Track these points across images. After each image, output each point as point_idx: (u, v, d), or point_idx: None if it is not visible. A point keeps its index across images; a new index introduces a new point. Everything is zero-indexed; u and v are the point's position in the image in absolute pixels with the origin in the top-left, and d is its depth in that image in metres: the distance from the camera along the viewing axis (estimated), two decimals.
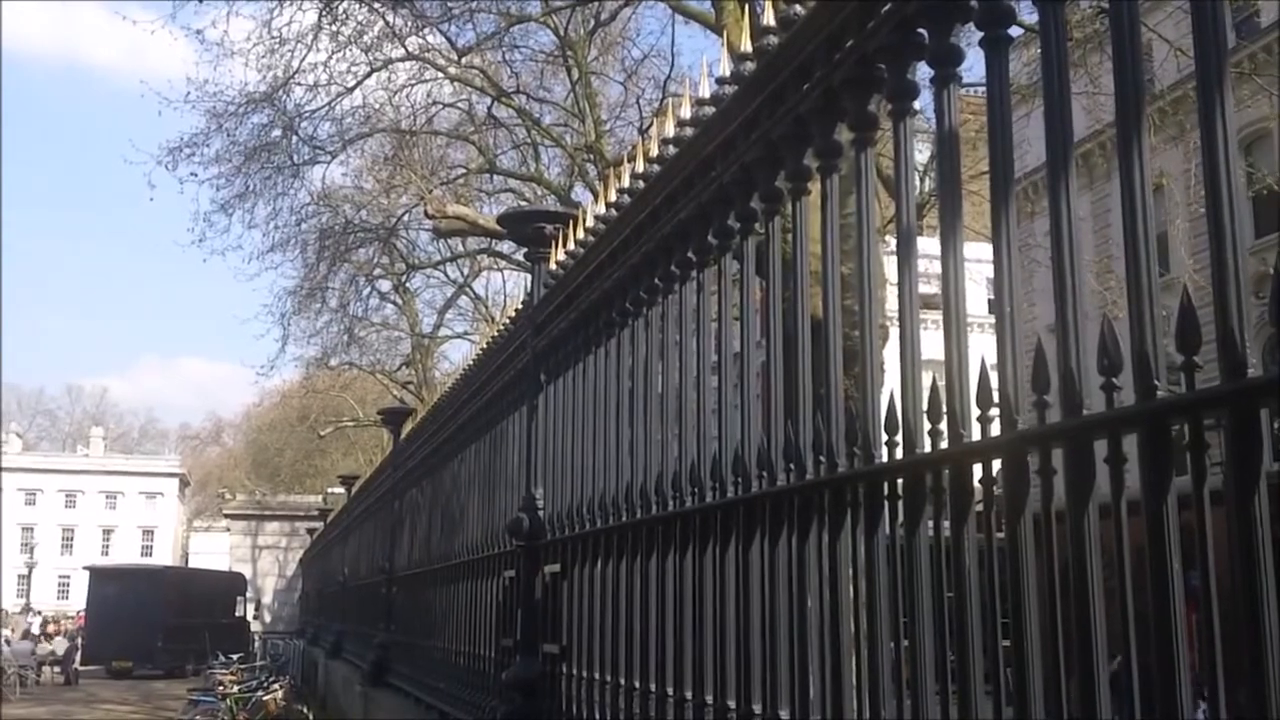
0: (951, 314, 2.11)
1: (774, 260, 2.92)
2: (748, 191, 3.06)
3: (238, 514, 48.89)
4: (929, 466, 2.13)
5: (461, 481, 7.45)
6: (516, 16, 20.86)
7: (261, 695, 16.14)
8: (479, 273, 33.04)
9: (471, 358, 7.50)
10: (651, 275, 3.76)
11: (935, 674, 2.11)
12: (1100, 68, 15.71)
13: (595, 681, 3.99)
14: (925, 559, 2.16)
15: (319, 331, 29.05)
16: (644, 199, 3.79)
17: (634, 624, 3.64)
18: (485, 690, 5.83)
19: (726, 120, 3.11)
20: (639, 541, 3.66)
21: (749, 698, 2.80)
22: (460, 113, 23.96)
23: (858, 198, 2.48)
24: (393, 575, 10.66)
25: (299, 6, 19.41)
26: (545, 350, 5.07)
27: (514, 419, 5.70)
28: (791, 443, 2.66)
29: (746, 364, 3.02)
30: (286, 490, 53.33)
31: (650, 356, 3.81)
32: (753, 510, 2.84)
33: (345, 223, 25.31)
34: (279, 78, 20.08)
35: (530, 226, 5.36)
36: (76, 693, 28.36)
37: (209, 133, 20.72)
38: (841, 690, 2.40)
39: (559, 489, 4.76)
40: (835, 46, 2.53)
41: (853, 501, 2.40)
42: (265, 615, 44.65)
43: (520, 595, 5.02)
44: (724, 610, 2.99)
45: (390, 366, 37.54)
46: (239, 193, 21.72)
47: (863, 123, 2.50)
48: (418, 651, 8.71)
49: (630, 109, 23.08)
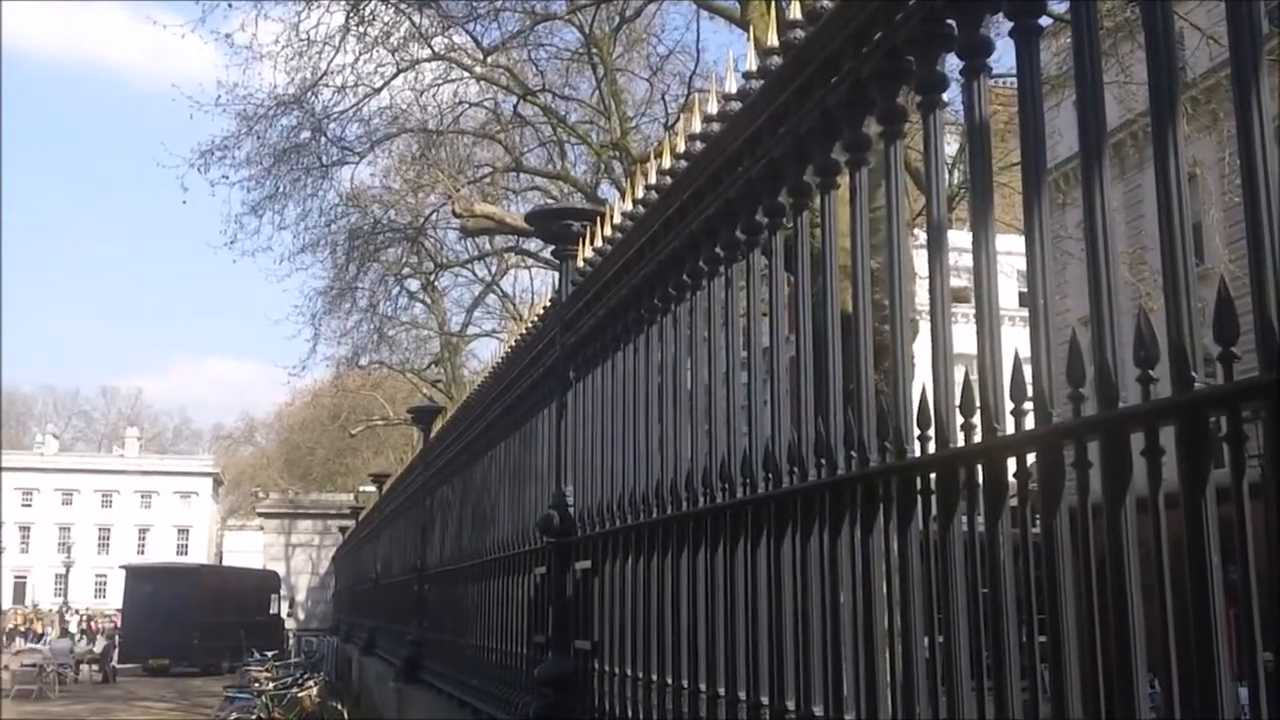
0: (984, 306, 2.09)
1: (803, 255, 2.91)
2: (775, 186, 3.05)
3: (271, 513, 49.19)
4: (962, 461, 2.12)
5: (492, 478, 7.46)
6: (541, 15, 20.87)
7: (296, 692, 16.25)
8: (506, 271, 33.15)
9: (500, 355, 7.52)
10: (680, 271, 3.75)
11: (971, 671, 2.09)
12: (1131, 57, 15.56)
13: (628, 678, 3.99)
14: (959, 554, 2.14)
15: (349, 331, 29.22)
16: (671, 195, 3.78)
17: (666, 620, 3.63)
18: (518, 686, 5.84)
19: (753, 115, 3.09)
20: (670, 537, 3.65)
21: (782, 694, 2.79)
22: (486, 112, 24.02)
23: (887, 191, 2.46)
24: (424, 572, 10.70)
25: (326, 9, 19.52)
26: (574, 347, 5.07)
27: (543, 416, 5.70)
28: (822, 438, 2.65)
29: (776, 359, 3.01)
30: (319, 489, 53.64)
31: (679, 352, 3.80)
32: (784, 506, 2.83)
33: (374, 223, 25.43)
34: (307, 80, 20.21)
35: (558, 224, 5.37)
36: (114, 690, 28.65)
37: (239, 135, 20.88)
38: (876, 687, 2.39)
39: (589, 485, 4.76)
40: (863, 39, 2.51)
41: (885, 497, 2.38)
42: (299, 613, 44.92)
43: (551, 592, 5.03)
44: (756, 606, 2.98)
45: (419, 365, 37.70)
46: (269, 194, 21.88)
47: (891, 116, 2.48)
48: (450, 648, 8.74)
49: (655, 105, 23.07)
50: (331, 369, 34.51)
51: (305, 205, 22.89)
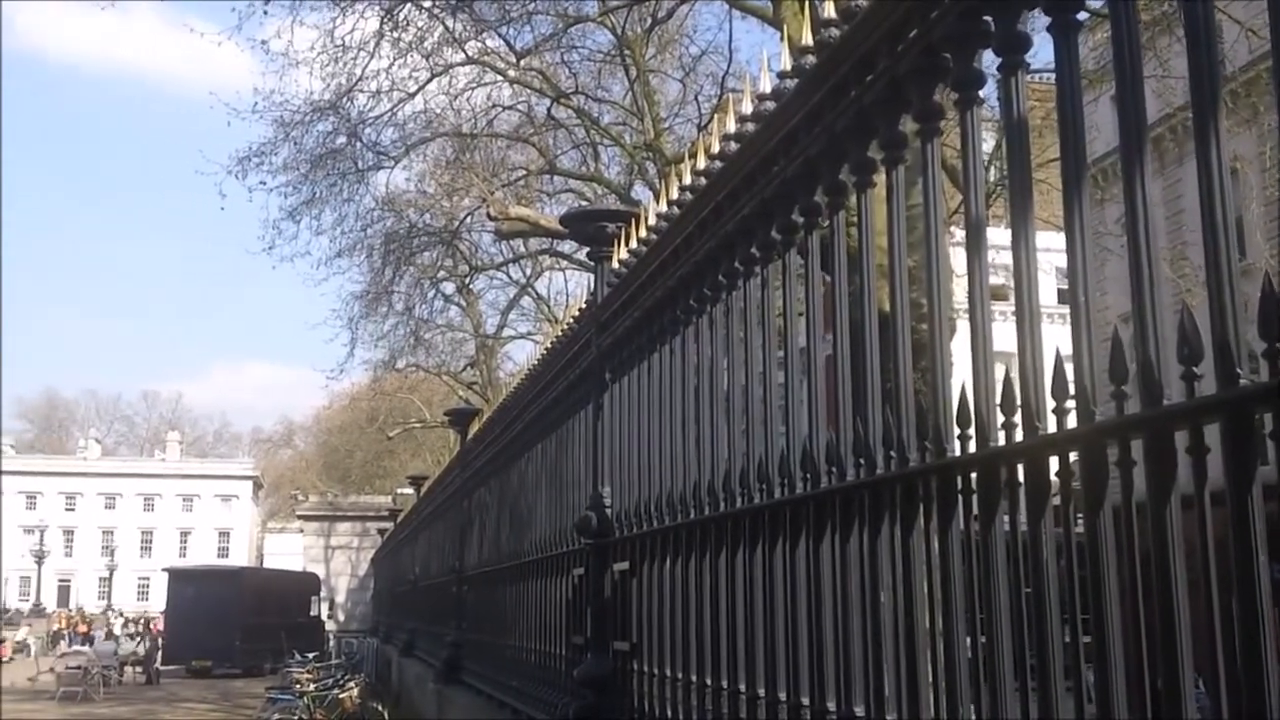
0: (1024, 304, 2.07)
1: (839, 254, 2.90)
2: (811, 185, 3.04)
3: (310, 515, 49.57)
4: (1004, 460, 2.10)
5: (529, 480, 7.48)
6: (574, 17, 20.92)
7: (338, 693, 16.36)
8: (541, 273, 33.27)
9: (536, 357, 7.54)
10: (715, 272, 3.74)
11: (1014, 671, 2.08)
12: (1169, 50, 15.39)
13: (667, 678, 3.99)
14: (1001, 554, 2.12)
15: (386, 334, 29.45)
16: (706, 195, 3.78)
17: (704, 621, 3.63)
18: (556, 687, 5.85)
19: (788, 114, 3.09)
20: (707, 538, 3.65)
21: (823, 694, 2.78)
22: (520, 115, 24.10)
23: (924, 189, 2.45)
24: (463, 574, 10.74)
25: (361, 15, 19.64)
26: (610, 348, 5.08)
27: (580, 417, 5.71)
28: (861, 437, 2.64)
29: (813, 359, 3.00)
30: (357, 491, 54.00)
31: (715, 353, 3.79)
32: (823, 506, 2.82)
33: (409, 227, 25.60)
34: (342, 85, 20.37)
35: (592, 226, 5.37)
36: (158, 692, 28.94)
37: (276, 141, 21.05)
38: (918, 687, 2.38)
39: (626, 487, 4.77)
40: (898, 37, 2.50)
41: (925, 496, 2.37)
42: (339, 614, 45.21)
43: (589, 593, 5.03)
44: (795, 607, 2.97)
45: (455, 368, 37.88)
46: (306, 200, 22.06)
47: (928, 113, 2.46)
48: (489, 649, 8.77)
49: (689, 106, 23.05)
50: (369, 372, 34.77)
51: (342, 210, 23.11)
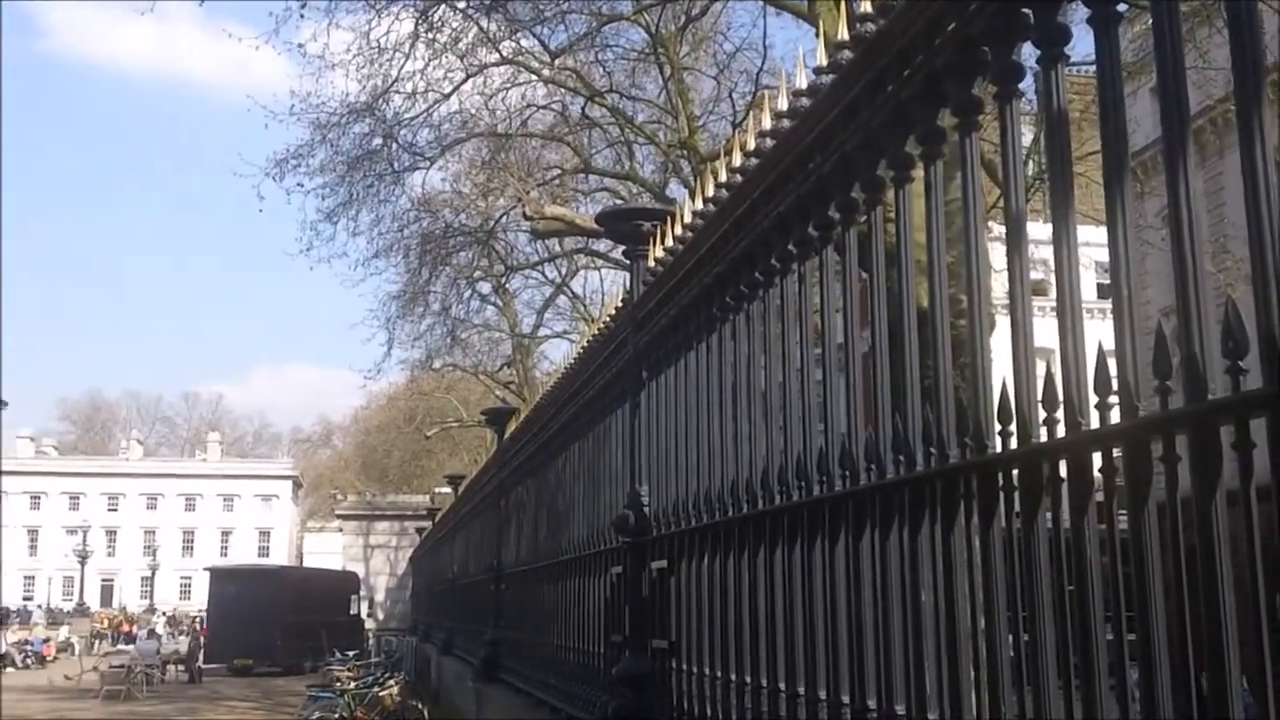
0: (1066, 298, 2.05)
1: (878, 250, 2.88)
2: (848, 182, 3.02)
3: (349, 514, 49.93)
4: (1046, 456, 2.09)
5: (566, 479, 7.50)
6: (608, 16, 20.92)
7: (378, 691, 16.47)
8: (576, 272, 33.30)
9: (572, 356, 7.55)
10: (752, 269, 3.74)
11: (1057, 670, 2.06)
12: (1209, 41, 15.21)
13: (706, 676, 3.99)
14: (1044, 551, 2.11)
15: (422, 334, 29.55)
16: (742, 193, 3.77)
17: (743, 619, 3.62)
18: (595, 685, 5.86)
19: (824, 110, 3.07)
20: (746, 536, 3.64)
21: (863, 693, 2.77)
22: (554, 114, 24.14)
23: (963, 184, 2.43)
24: (501, 572, 10.78)
25: (396, 17, 19.73)
26: (646, 347, 5.08)
27: (617, 416, 5.72)
28: (900, 434, 2.63)
29: (851, 356, 2.99)
30: (395, 490, 54.33)
31: (752, 350, 3.79)
32: (862, 504, 2.81)
33: (445, 227, 25.70)
34: (378, 87, 20.45)
35: (628, 224, 5.38)
36: (200, 690, 29.23)
37: (313, 144, 21.18)
38: (960, 685, 2.36)
39: (663, 485, 4.76)
40: (936, 31, 2.48)
41: (965, 493, 2.35)
42: (378, 613, 45.52)
43: (628, 591, 5.04)
44: (834, 605, 2.96)
45: (492, 367, 37.99)
46: (343, 201, 22.18)
47: (967, 107, 2.45)
48: (527, 647, 8.80)
49: (723, 103, 22.99)
50: (406, 372, 34.97)
51: (378, 211, 23.23)
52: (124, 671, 26.98)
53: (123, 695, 25.80)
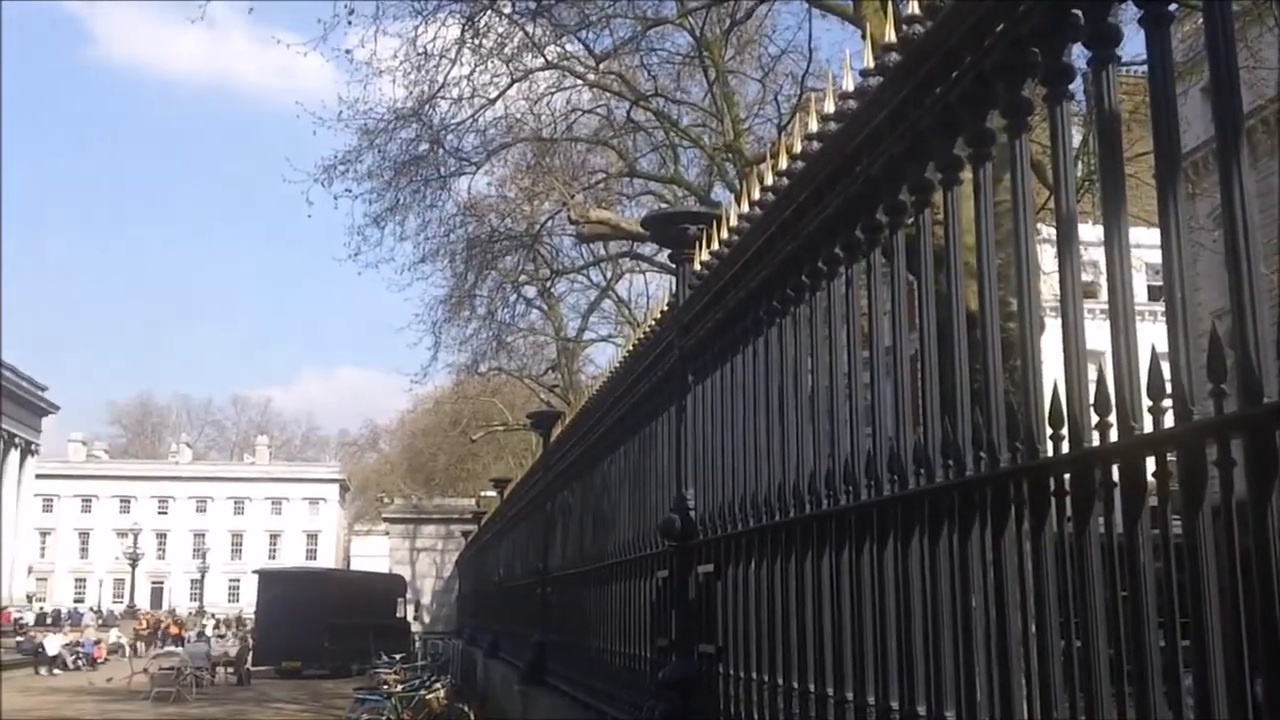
0: (1118, 300, 2.03)
1: (926, 252, 2.87)
2: (896, 184, 3.01)
3: (396, 517, 50.22)
4: (1099, 460, 2.06)
5: (611, 483, 7.51)
6: (652, 20, 20.97)
7: (425, 694, 16.55)
8: (621, 275, 33.36)
9: (617, 360, 7.57)
10: (799, 272, 3.73)
11: (1110, 677, 2.04)
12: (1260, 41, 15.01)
13: (753, 681, 3.98)
14: (1096, 557, 2.09)
15: (469, 338, 29.74)
16: (789, 196, 3.76)
17: (791, 624, 3.61)
18: (641, 689, 5.86)
19: (872, 113, 3.06)
20: (793, 541, 3.64)
21: (912, 698, 2.75)
22: (599, 118, 24.22)
23: (1013, 186, 2.42)
24: (547, 576, 10.81)
25: (442, 23, 19.88)
26: (692, 350, 5.08)
27: (663, 419, 5.72)
28: (949, 438, 2.61)
29: (900, 359, 2.97)
30: (441, 494, 54.58)
31: (799, 353, 3.78)
32: (911, 508, 2.80)
33: (491, 231, 25.84)
34: (425, 93, 20.63)
35: (674, 228, 5.38)
36: (249, 692, 29.50)
37: (360, 149, 21.39)
38: (1011, 691, 2.34)
39: (710, 489, 4.76)
40: (985, 31, 2.47)
41: (1016, 498, 2.34)
42: (424, 616, 45.73)
43: (674, 595, 5.04)
44: (884, 610, 2.94)
45: (537, 371, 38.14)
46: (390, 206, 22.39)
47: (1017, 108, 2.43)
48: (573, 651, 8.82)
49: (768, 106, 22.98)
50: (452, 376, 35.21)
51: (425, 216, 23.44)
52: (174, 673, 27.29)
53: (172, 697, 26.08)
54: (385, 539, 54.22)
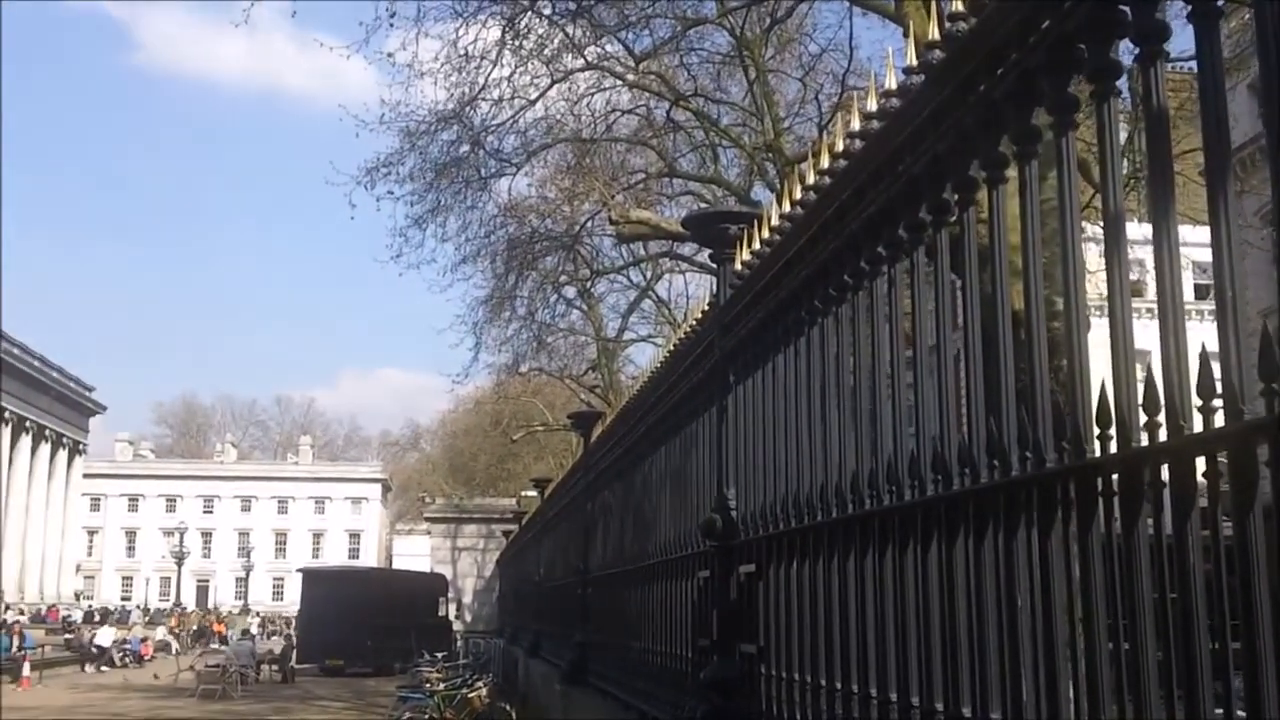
0: (1167, 299, 2.01)
1: (971, 251, 2.85)
2: (939, 183, 2.99)
3: (437, 517, 50.50)
4: (1147, 460, 2.04)
5: (652, 483, 7.51)
6: (692, 19, 20.96)
7: (466, 693, 16.64)
8: (661, 276, 33.36)
9: (658, 360, 7.56)
10: (841, 271, 3.71)
11: (1159, 679, 2.02)
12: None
13: (795, 682, 3.97)
14: (1144, 558, 2.06)
15: (509, 339, 29.85)
16: (831, 195, 3.75)
17: (834, 624, 3.60)
18: (682, 689, 5.86)
19: (915, 111, 3.05)
20: (836, 541, 3.62)
21: (958, 700, 2.74)
22: (639, 118, 24.24)
23: (1060, 184, 2.39)
24: (588, 576, 10.83)
25: (483, 25, 19.97)
26: (734, 350, 5.07)
27: (704, 419, 5.71)
28: (994, 438, 2.59)
29: (943, 358, 2.95)
30: (482, 494, 54.85)
31: (842, 353, 3.76)
32: (955, 509, 2.78)
33: (531, 232, 25.91)
34: (465, 95, 20.73)
35: (715, 227, 5.38)
36: (293, 690, 29.79)
37: (402, 151, 21.52)
38: (1058, 693, 2.32)
39: (751, 489, 4.75)
40: (1030, 28, 2.45)
41: (1063, 499, 2.31)
42: (466, 615, 45.96)
43: (715, 595, 5.03)
44: (928, 611, 2.92)
45: (577, 371, 38.23)
46: (431, 208, 22.53)
47: (1063, 106, 2.41)
48: (614, 651, 8.83)
49: (808, 105, 22.92)
50: (493, 376, 35.32)
51: (465, 217, 23.54)
52: (219, 671, 27.60)
53: (218, 694, 26.38)
54: (427, 538, 54.53)
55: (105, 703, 25.86)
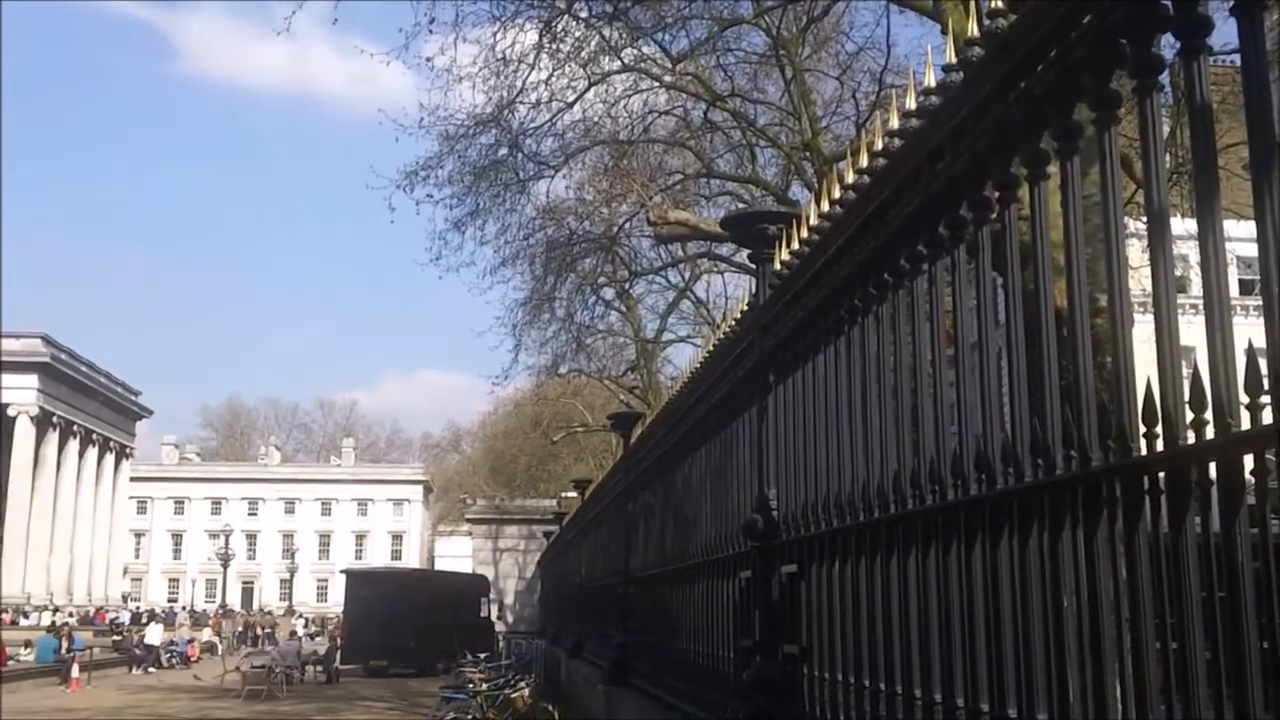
0: (1213, 295, 1.99)
1: (1013, 248, 2.83)
2: (980, 180, 2.98)
3: (478, 518, 50.65)
4: (1194, 459, 2.02)
5: (693, 483, 7.51)
6: (728, 20, 20.94)
7: (509, 693, 16.68)
8: (699, 276, 33.29)
9: (697, 361, 7.56)
10: (881, 271, 3.70)
11: (1208, 679, 2.00)
12: None
13: (839, 683, 3.96)
14: (1192, 557, 2.04)
15: (548, 340, 29.92)
16: (870, 194, 3.74)
17: (877, 624, 3.59)
18: (725, 690, 5.86)
19: (955, 108, 3.03)
20: (878, 541, 3.61)
21: (1003, 700, 2.72)
22: (676, 119, 24.22)
23: (1102, 180, 2.37)
24: (629, 576, 10.84)
25: (520, 29, 20.04)
26: (774, 350, 5.06)
27: (744, 419, 5.71)
28: (1039, 437, 2.57)
29: (986, 357, 2.94)
30: (522, 495, 55.00)
31: (882, 352, 3.75)
32: (999, 508, 2.76)
33: (569, 234, 25.94)
34: (504, 98, 20.80)
35: (754, 227, 5.37)
36: (338, 690, 29.98)
37: (442, 155, 21.64)
38: (1105, 693, 2.30)
39: (793, 489, 4.75)
40: (1071, 24, 2.43)
41: (1109, 498, 2.30)
42: (507, 616, 46.08)
43: (757, 596, 5.03)
44: (972, 611, 2.91)
45: (616, 372, 38.24)
46: (470, 211, 22.63)
47: (1105, 101, 2.39)
48: (656, 651, 8.83)
49: (846, 104, 22.78)
50: (532, 378, 35.43)
51: (504, 220, 23.64)
52: (265, 672, 27.86)
53: (264, 694, 26.61)
54: (468, 539, 54.73)
55: (153, 703, 26.15)
